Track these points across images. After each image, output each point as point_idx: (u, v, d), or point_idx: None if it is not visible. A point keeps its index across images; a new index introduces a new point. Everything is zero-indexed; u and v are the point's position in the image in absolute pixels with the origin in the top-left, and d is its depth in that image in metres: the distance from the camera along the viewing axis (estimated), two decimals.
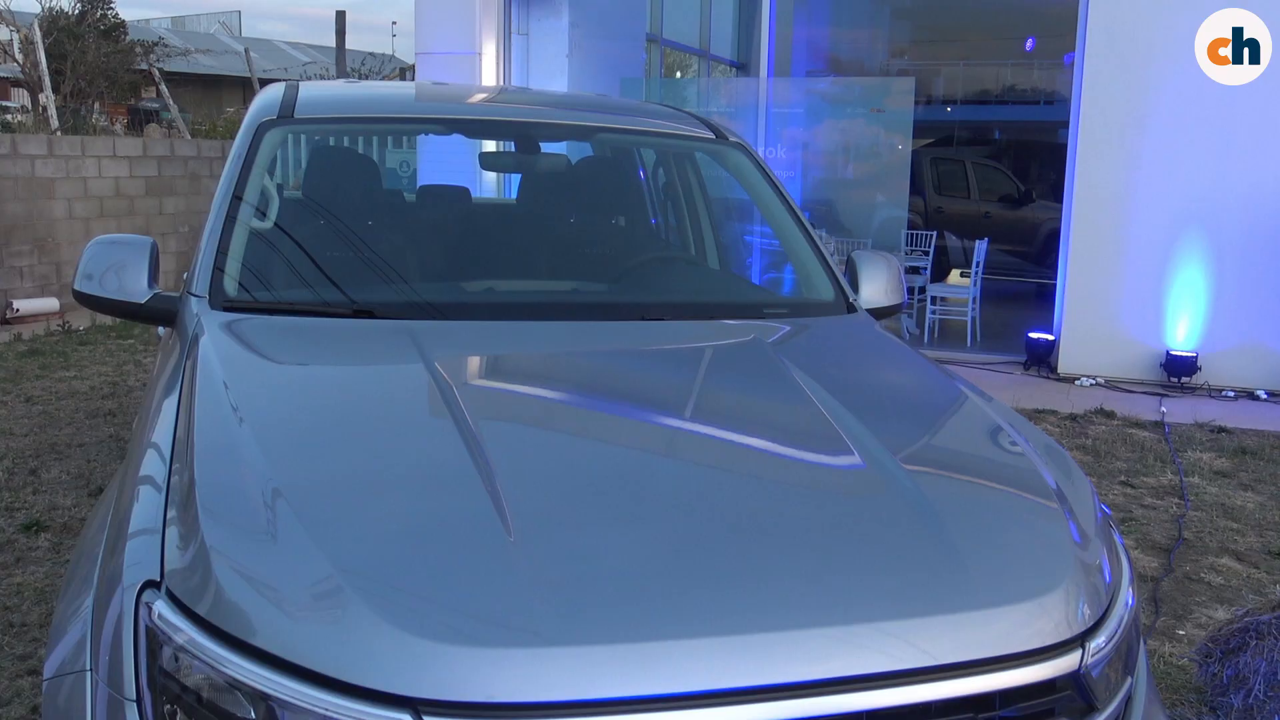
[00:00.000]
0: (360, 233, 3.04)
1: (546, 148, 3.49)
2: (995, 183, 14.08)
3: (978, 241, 9.70)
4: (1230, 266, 7.60)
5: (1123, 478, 5.59)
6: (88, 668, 1.61)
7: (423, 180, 7.76)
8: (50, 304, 9.47)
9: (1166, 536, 4.72)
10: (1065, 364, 8.06)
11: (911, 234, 10.09)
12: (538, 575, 1.50)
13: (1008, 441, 2.18)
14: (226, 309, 2.47)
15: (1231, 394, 7.54)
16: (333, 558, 1.51)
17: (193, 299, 2.51)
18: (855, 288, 3.08)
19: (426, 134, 3.51)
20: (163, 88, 13.41)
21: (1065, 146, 8.16)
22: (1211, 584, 4.20)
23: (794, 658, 1.45)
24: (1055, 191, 9.30)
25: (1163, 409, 7.04)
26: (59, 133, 11.17)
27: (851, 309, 2.99)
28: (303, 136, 3.29)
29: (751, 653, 1.44)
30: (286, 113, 3.00)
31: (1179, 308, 7.74)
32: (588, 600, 1.49)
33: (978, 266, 9.40)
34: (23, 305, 9.22)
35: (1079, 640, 1.61)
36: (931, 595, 1.59)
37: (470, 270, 3.01)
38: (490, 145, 3.83)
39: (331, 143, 3.70)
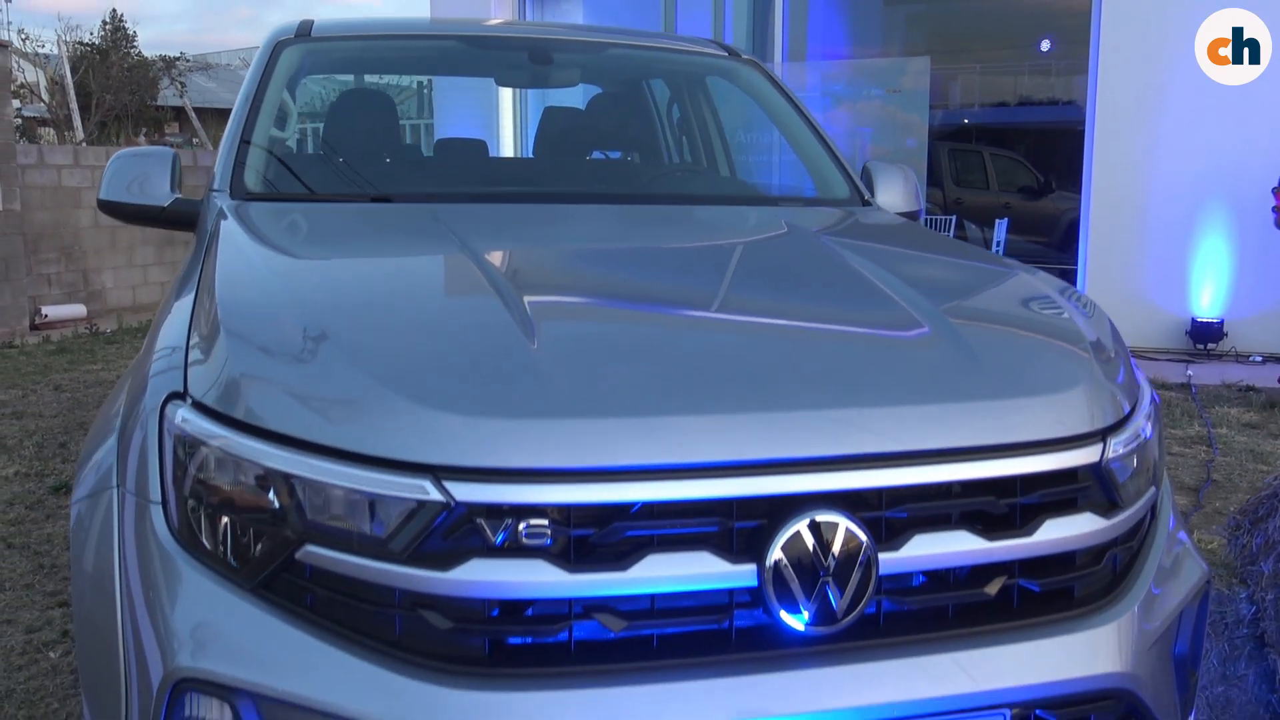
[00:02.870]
0: (380, 145, 3.09)
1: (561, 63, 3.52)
2: (1014, 174, 13.99)
3: (997, 221, 9.66)
4: (1253, 231, 7.51)
5: None
6: (114, 485, 1.63)
7: (440, 135, 7.82)
8: (78, 310, 9.56)
9: (1195, 479, 4.67)
10: None
11: (930, 220, 10.06)
12: (559, 367, 1.52)
13: (1046, 298, 2.13)
14: (248, 199, 2.51)
15: (1259, 359, 7.45)
16: (356, 361, 1.52)
17: (214, 194, 2.55)
18: (872, 193, 3.08)
19: (441, 54, 3.56)
20: (187, 100, 13.61)
21: (1083, 136, 8.13)
22: None
23: (811, 434, 1.45)
24: (1074, 181, 9.24)
25: (1189, 372, 6.97)
26: (84, 143, 11.33)
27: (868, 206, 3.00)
28: (322, 57, 3.32)
29: (767, 427, 1.44)
30: (304, 32, 3.05)
31: (1203, 275, 7.66)
32: (607, 381, 1.51)
33: (998, 246, 9.36)
34: (51, 311, 9.31)
35: (1100, 435, 1.61)
36: (954, 385, 1.60)
37: (488, 181, 3.05)
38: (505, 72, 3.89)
39: (354, 72, 3.78)
